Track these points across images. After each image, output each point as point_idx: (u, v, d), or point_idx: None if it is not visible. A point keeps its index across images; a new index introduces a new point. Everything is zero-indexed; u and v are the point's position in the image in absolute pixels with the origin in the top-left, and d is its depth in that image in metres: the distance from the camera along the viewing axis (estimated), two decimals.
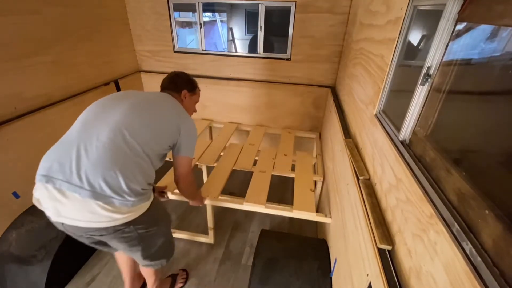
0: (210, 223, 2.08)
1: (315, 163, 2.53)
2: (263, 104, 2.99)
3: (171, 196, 1.87)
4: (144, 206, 1.18)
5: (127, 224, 1.12)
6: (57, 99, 2.10)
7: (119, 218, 1.08)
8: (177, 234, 2.19)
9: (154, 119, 1.21)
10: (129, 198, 1.07)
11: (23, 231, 1.72)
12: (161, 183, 1.97)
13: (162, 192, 1.86)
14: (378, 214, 1.02)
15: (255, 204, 1.77)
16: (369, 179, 1.25)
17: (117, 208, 1.06)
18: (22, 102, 1.84)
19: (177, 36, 2.92)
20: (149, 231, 1.23)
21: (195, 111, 1.58)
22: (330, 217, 1.70)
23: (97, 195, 1.02)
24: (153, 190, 1.63)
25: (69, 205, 1.02)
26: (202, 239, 2.18)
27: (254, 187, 1.96)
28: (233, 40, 4.99)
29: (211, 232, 2.12)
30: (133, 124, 1.14)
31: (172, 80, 1.47)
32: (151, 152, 1.19)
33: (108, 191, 1.03)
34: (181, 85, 1.47)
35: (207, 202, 1.84)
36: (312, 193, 1.88)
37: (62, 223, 1.08)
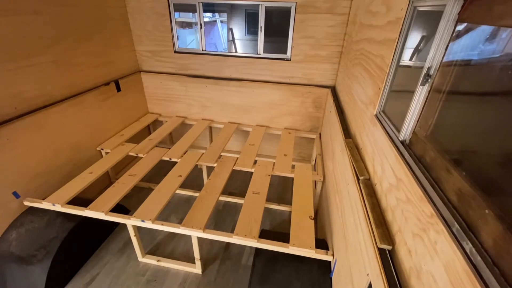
0: (196, 254, 1.87)
1: (315, 181, 2.34)
2: (263, 104, 2.99)
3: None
4: None
5: None
6: (57, 99, 2.11)
7: None
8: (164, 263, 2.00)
9: None
10: None
11: (23, 231, 1.73)
12: (139, 214, 1.71)
13: None
14: (378, 214, 1.02)
15: (246, 238, 1.57)
16: (369, 179, 1.26)
17: None
18: (22, 102, 1.84)
19: (177, 37, 2.92)
20: None
21: None
22: (332, 254, 1.52)
23: None
24: None
25: None
26: (188, 268, 1.96)
27: (245, 216, 1.71)
28: (233, 40, 5.00)
29: (198, 263, 1.91)
30: None
31: None
32: None
33: None
34: None
35: (193, 233, 1.63)
36: (311, 222, 1.69)
37: None
